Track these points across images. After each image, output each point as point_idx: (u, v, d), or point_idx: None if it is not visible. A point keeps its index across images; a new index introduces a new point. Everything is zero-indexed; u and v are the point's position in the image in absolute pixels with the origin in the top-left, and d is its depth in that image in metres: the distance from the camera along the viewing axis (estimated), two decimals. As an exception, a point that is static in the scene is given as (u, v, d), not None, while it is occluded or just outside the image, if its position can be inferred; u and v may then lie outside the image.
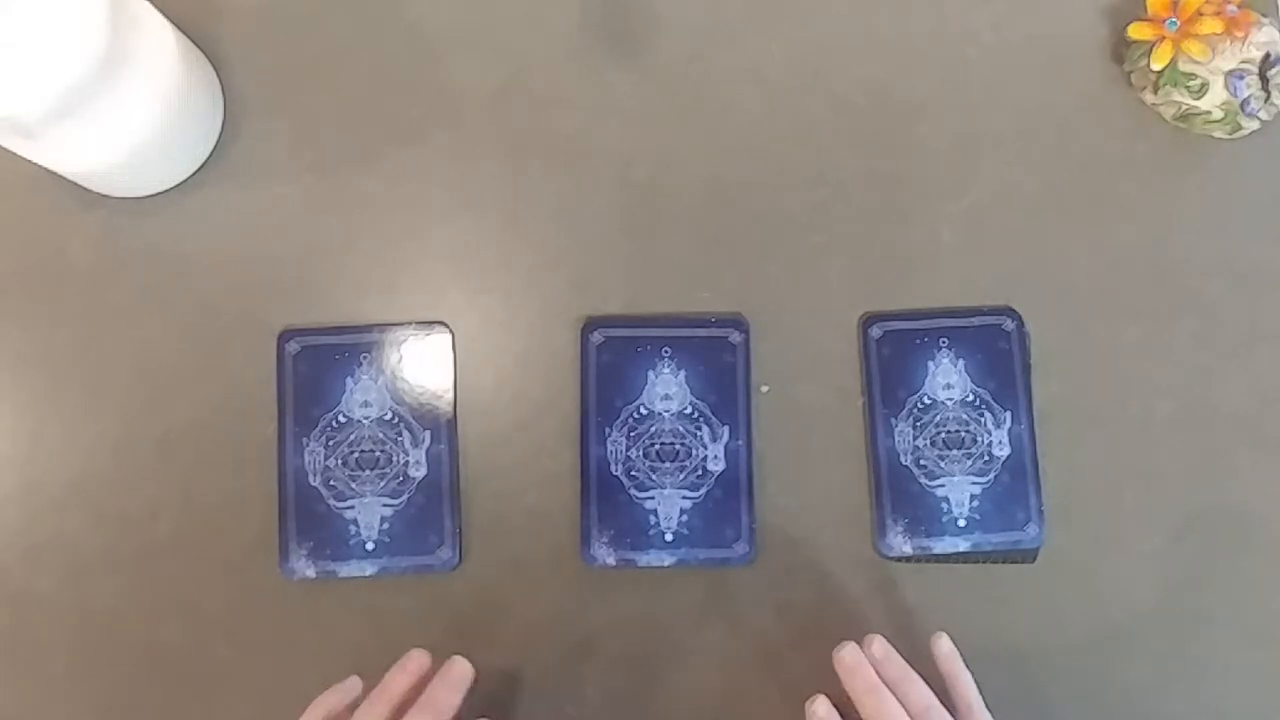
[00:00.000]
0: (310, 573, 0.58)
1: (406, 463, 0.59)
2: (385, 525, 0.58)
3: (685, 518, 0.58)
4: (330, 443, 0.59)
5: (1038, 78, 0.63)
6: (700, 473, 0.59)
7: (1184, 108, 0.61)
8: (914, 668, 0.55)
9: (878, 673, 0.53)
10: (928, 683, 0.52)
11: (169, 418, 0.59)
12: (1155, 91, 0.62)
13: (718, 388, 0.60)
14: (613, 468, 0.59)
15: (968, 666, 0.54)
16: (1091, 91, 0.63)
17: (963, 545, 0.59)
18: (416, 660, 0.53)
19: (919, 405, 0.60)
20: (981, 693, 0.54)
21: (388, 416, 0.59)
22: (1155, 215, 0.62)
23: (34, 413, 0.60)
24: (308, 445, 0.59)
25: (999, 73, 0.63)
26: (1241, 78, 0.59)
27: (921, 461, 0.59)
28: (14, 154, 0.55)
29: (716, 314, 0.60)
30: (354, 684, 0.52)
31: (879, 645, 0.54)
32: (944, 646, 0.55)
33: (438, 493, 0.59)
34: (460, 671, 0.52)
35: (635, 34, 0.63)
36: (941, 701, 0.52)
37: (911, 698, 0.52)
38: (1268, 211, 0.62)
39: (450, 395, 0.60)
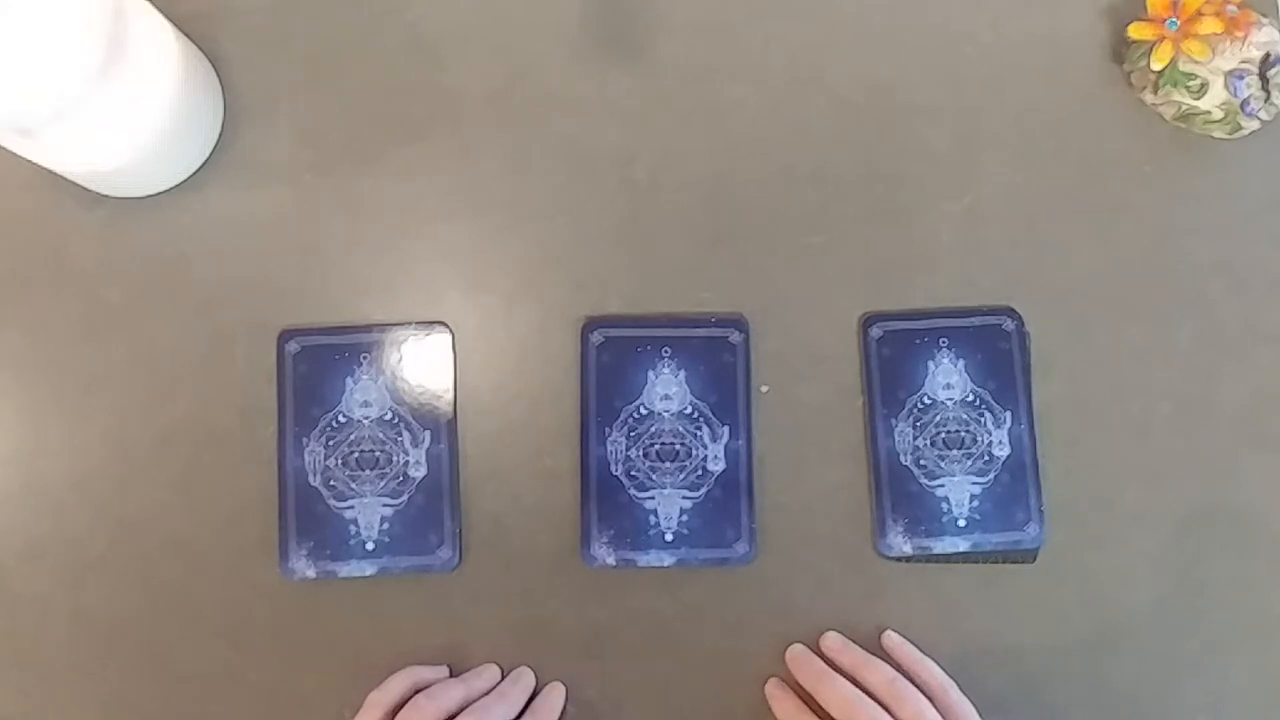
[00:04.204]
0: (310, 573, 0.58)
1: (406, 463, 0.59)
2: (385, 525, 0.58)
3: (685, 518, 0.58)
4: (330, 443, 0.59)
5: (1038, 78, 0.63)
6: (700, 473, 0.59)
7: (1184, 108, 0.61)
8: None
9: (838, 663, 0.56)
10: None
11: (169, 418, 0.59)
12: (1155, 91, 0.62)
13: (718, 388, 0.60)
14: (613, 468, 0.59)
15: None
16: (1091, 91, 0.63)
17: (963, 545, 0.59)
18: (494, 672, 0.57)
19: (919, 405, 0.60)
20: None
21: (388, 416, 0.59)
22: (1155, 215, 0.62)
23: (34, 412, 0.60)
24: (308, 445, 0.59)
25: (999, 73, 0.63)
26: (1241, 78, 0.59)
27: (921, 461, 0.59)
28: (14, 154, 0.55)
29: (716, 314, 0.60)
30: (443, 670, 0.57)
31: (833, 637, 0.57)
32: (893, 640, 0.58)
33: (438, 493, 0.59)
34: (531, 679, 0.57)
35: (635, 34, 0.63)
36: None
37: (873, 677, 0.54)
38: (1268, 211, 0.62)
39: (450, 395, 0.60)
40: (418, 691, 0.54)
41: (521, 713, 0.55)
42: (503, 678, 0.57)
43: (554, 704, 0.56)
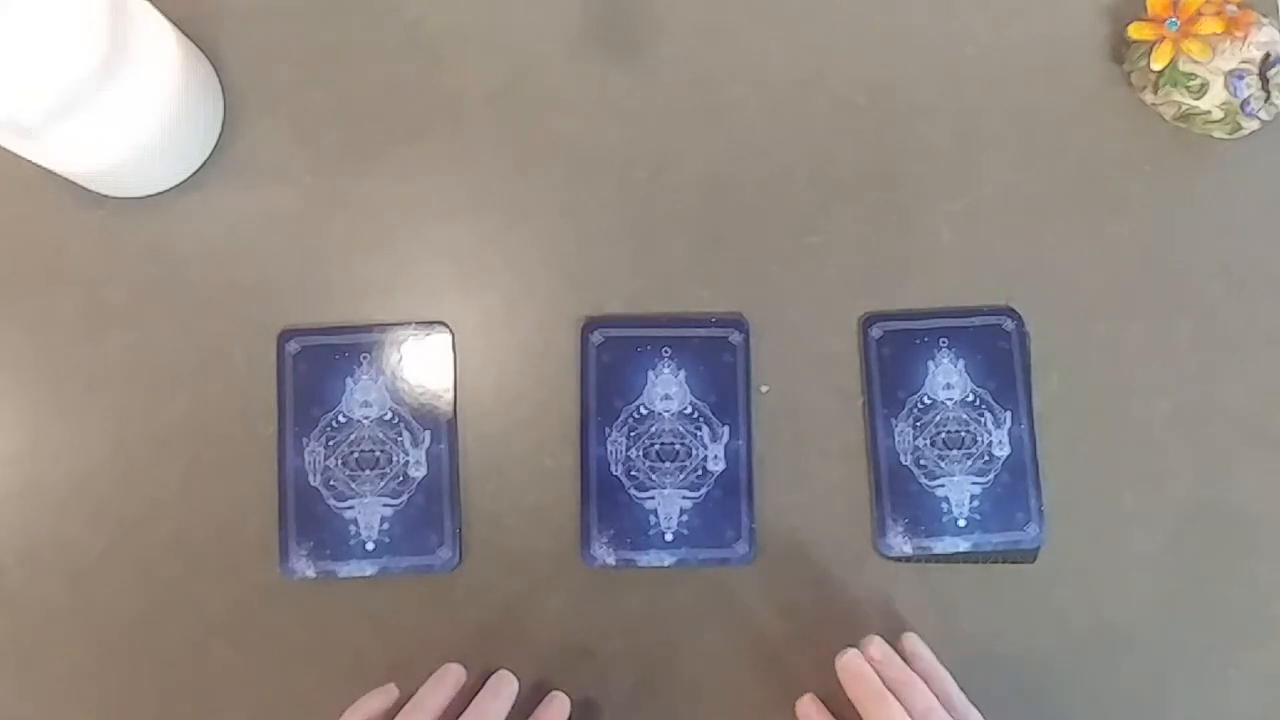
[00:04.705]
0: (310, 573, 0.58)
1: (406, 463, 0.59)
2: (385, 525, 0.58)
3: (685, 518, 0.58)
4: (330, 443, 0.59)
5: (1038, 78, 0.63)
6: (700, 473, 0.59)
7: (1184, 108, 0.61)
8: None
9: (880, 675, 0.52)
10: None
11: (169, 418, 0.59)
12: (1155, 91, 0.62)
13: (718, 388, 0.60)
14: (613, 468, 0.59)
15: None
16: (1091, 91, 0.63)
17: (963, 545, 0.59)
18: (454, 674, 0.53)
19: (919, 405, 0.60)
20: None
21: (388, 416, 0.59)
22: (1155, 215, 0.62)
23: (34, 412, 0.60)
24: (308, 445, 0.59)
25: (999, 73, 0.63)
26: (1241, 78, 0.59)
27: (921, 461, 0.59)
28: (14, 154, 0.55)
29: (716, 314, 0.60)
30: (391, 690, 0.52)
31: (877, 647, 0.54)
32: (913, 645, 0.55)
33: (438, 493, 0.59)
34: (510, 686, 0.53)
35: (635, 34, 0.63)
36: None
37: (912, 701, 0.51)
38: (1268, 211, 0.62)
39: (450, 395, 0.60)
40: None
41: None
42: (478, 680, 0.54)
43: (557, 711, 0.54)
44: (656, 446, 0.59)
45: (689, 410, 0.59)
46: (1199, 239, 0.62)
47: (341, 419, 0.59)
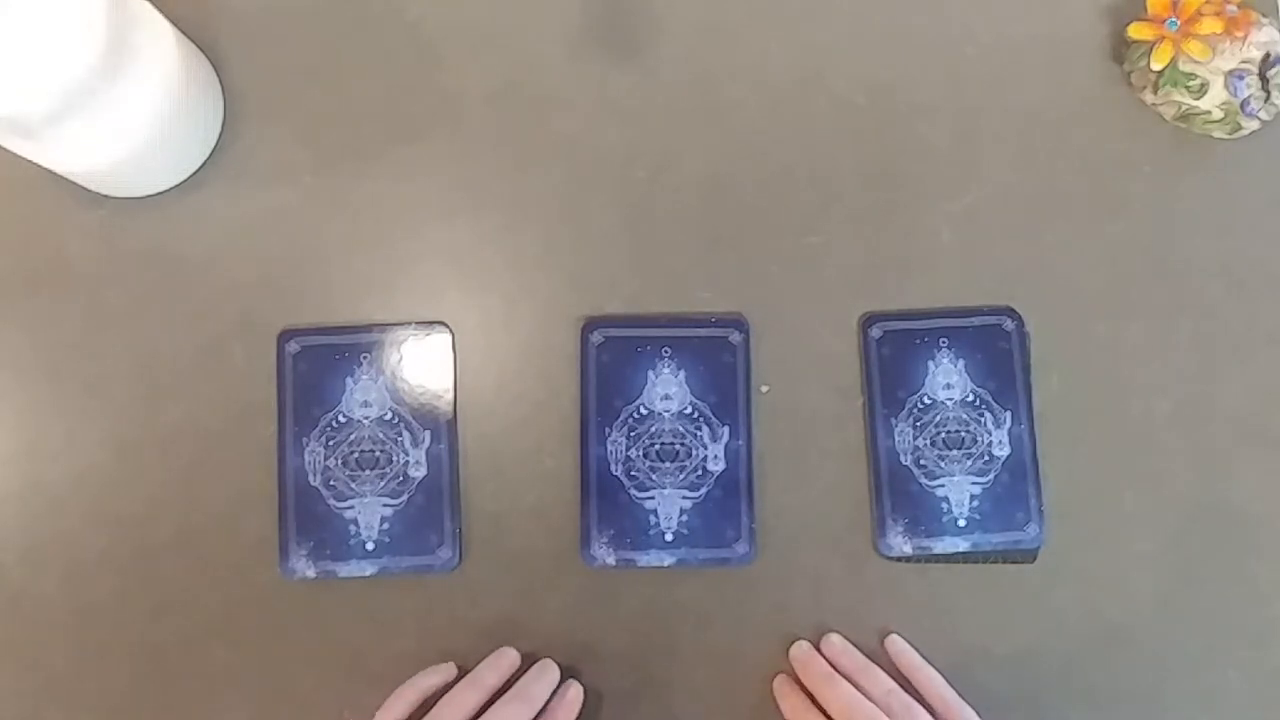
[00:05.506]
0: (310, 573, 0.58)
1: (406, 463, 0.59)
2: (385, 525, 0.58)
3: (685, 518, 0.58)
4: (330, 443, 0.59)
5: (1038, 78, 0.63)
6: (700, 473, 0.59)
7: (1184, 108, 0.61)
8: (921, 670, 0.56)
9: (837, 665, 0.56)
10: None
11: (169, 418, 0.59)
12: (1155, 91, 0.62)
13: (718, 388, 0.60)
14: (613, 468, 0.59)
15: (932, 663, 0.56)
16: (1091, 91, 0.63)
17: (963, 545, 0.59)
18: (510, 657, 0.56)
19: (919, 405, 0.60)
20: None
21: (388, 416, 0.59)
22: (1155, 215, 0.62)
23: (34, 413, 0.60)
24: (308, 445, 0.59)
25: (999, 72, 0.63)
26: (1241, 78, 0.59)
27: (921, 461, 0.59)
28: (14, 154, 0.55)
29: (716, 314, 0.60)
30: (450, 668, 0.55)
31: (836, 640, 0.57)
32: (896, 645, 0.57)
33: (438, 493, 0.59)
34: (552, 673, 0.56)
35: (635, 34, 0.63)
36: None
37: (871, 686, 0.54)
38: (1268, 211, 0.62)
39: (450, 395, 0.60)
40: (425, 701, 0.53)
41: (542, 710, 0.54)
42: (522, 667, 0.56)
43: (572, 700, 0.55)
44: (656, 446, 0.59)
45: (689, 410, 0.59)
46: (1199, 239, 0.62)
47: (341, 419, 0.59)
